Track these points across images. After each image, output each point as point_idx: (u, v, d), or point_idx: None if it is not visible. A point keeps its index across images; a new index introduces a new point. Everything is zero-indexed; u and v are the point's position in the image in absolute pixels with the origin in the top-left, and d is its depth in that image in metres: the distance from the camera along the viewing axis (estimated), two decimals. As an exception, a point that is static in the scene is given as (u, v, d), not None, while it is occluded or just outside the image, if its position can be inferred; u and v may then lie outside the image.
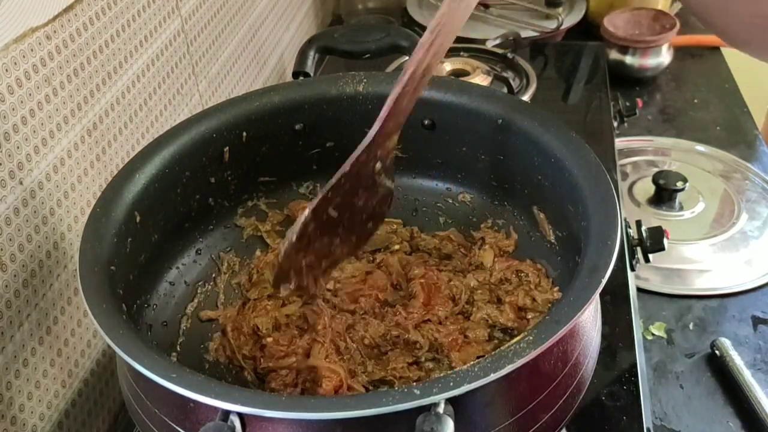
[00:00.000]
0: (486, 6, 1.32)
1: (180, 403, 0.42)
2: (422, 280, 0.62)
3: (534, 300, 0.59)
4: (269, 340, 0.59)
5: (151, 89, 0.76)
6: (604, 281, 0.43)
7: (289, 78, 0.72)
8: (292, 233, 0.49)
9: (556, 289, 0.59)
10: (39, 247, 0.59)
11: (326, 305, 0.61)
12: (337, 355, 0.57)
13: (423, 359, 0.57)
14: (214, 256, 0.65)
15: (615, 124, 1.06)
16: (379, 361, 0.58)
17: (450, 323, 0.59)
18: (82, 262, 0.48)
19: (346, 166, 0.49)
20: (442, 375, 0.39)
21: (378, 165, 0.50)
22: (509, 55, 1.07)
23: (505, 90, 0.98)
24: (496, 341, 0.58)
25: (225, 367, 0.60)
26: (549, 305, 0.58)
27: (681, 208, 1.01)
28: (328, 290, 0.63)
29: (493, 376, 0.38)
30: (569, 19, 1.29)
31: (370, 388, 0.56)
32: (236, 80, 1.00)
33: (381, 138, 0.48)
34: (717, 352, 0.80)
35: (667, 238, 0.84)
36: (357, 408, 0.37)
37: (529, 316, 0.58)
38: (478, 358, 0.54)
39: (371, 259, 0.66)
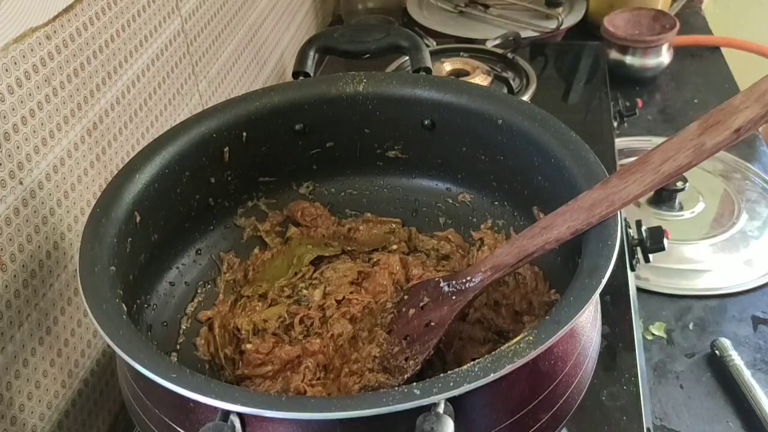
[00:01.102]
0: (486, 6, 1.32)
1: (180, 403, 0.42)
2: (420, 282, 0.62)
3: (530, 303, 0.59)
4: (248, 346, 0.58)
5: (151, 89, 0.76)
6: (604, 281, 0.43)
7: (289, 78, 0.72)
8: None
9: (553, 291, 0.58)
10: (39, 247, 0.59)
11: (317, 312, 0.60)
12: (324, 372, 0.56)
13: None
14: (214, 256, 0.65)
15: (615, 124, 1.06)
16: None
17: None
18: (82, 262, 0.48)
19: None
20: (441, 375, 0.39)
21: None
22: (509, 55, 1.07)
23: (505, 90, 0.99)
24: (490, 344, 0.58)
25: (207, 363, 0.59)
26: (546, 308, 0.58)
27: (681, 208, 1.01)
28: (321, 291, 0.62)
29: (493, 376, 0.38)
30: (569, 19, 1.29)
31: None
32: (236, 80, 1.00)
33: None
34: (717, 352, 0.80)
35: (667, 238, 0.84)
36: (357, 408, 0.37)
37: (525, 320, 0.58)
38: (472, 359, 0.53)
39: (367, 259, 0.66)
